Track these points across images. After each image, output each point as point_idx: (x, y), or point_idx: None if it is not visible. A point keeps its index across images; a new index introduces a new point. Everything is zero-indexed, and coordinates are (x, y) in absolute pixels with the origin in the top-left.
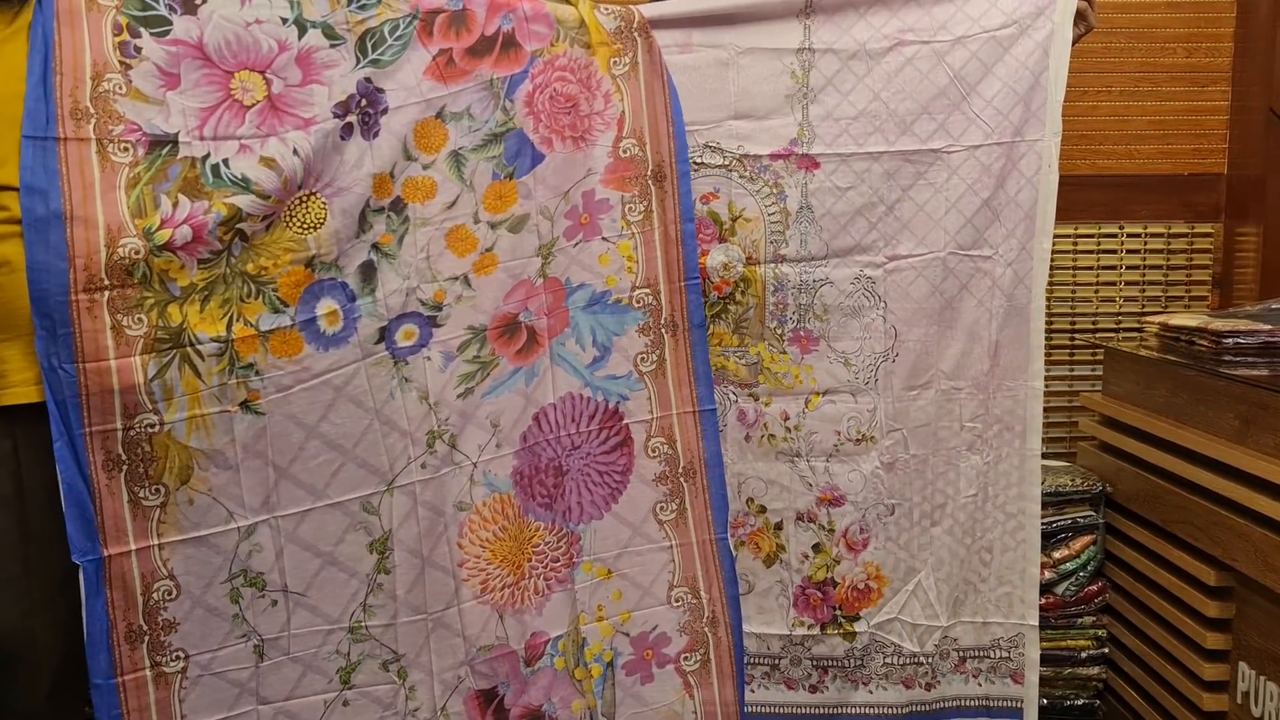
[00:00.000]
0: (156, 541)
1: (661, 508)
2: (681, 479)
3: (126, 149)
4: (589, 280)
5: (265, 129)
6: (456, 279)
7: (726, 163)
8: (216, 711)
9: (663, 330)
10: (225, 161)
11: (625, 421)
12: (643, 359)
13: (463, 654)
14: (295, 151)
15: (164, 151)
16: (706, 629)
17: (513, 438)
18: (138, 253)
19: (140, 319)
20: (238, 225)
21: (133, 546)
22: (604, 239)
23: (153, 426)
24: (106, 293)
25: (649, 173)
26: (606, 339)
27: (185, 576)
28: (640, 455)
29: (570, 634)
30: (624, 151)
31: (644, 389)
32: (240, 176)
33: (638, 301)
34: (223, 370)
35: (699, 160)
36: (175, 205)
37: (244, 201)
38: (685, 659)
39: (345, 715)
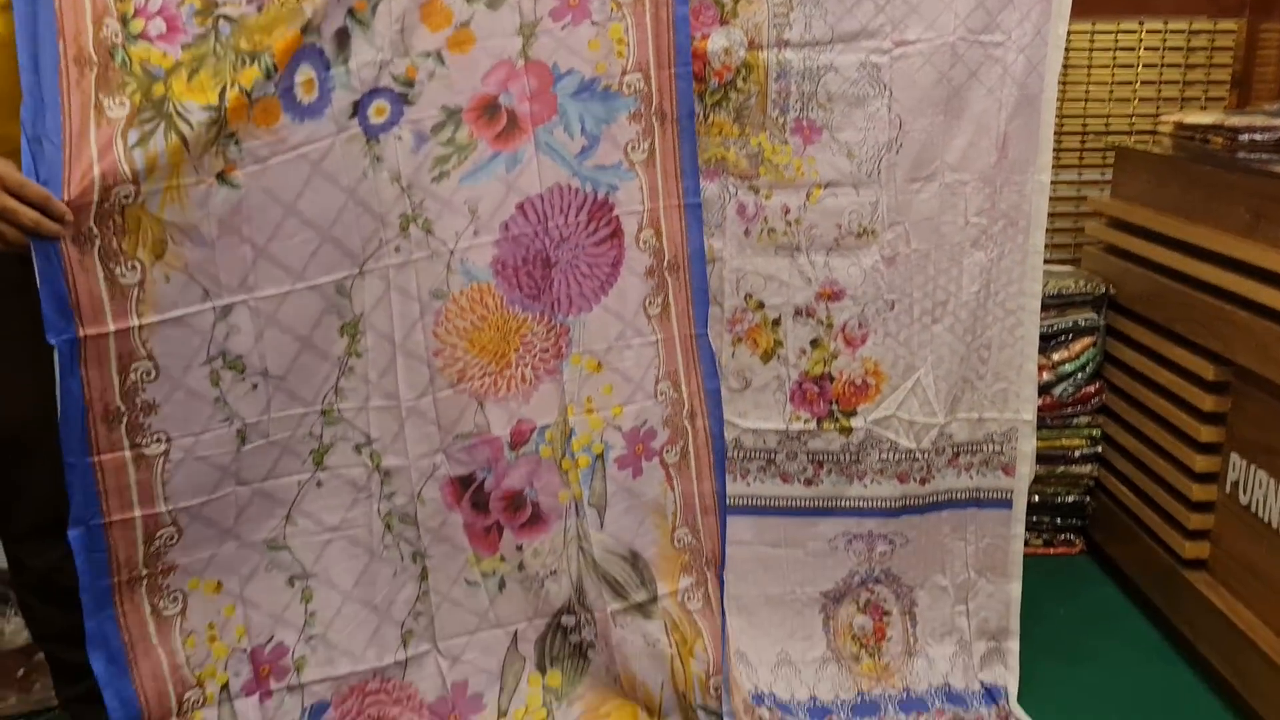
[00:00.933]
0: (136, 322)
1: (650, 301)
2: (666, 273)
3: None
4: (577, 66)
5: None
6: (429, 55)
7: None
8: (198, 495)
9: (653, 118)
10: None
11: (616, 212)
12: (633, 147)
13: (437, 442)
14: None
15: None
16: (686, 422)
17: (492, 226)
18: (116, 36)
19: (123, 101)
20: (216, 12)
21: (111, 328)
22: (593, 22)
23: (127, 198)
24: (94, 69)
25: None
26: (595, 127)
27: (164, 358)
28: (631, 247)
29: (558, 424)
30: None
31: (635, 179)
32: None
33: (628, 88)
34: (211, 140)
35: None
36: None
37: None
38: (667, 451)
39: (319, 496)
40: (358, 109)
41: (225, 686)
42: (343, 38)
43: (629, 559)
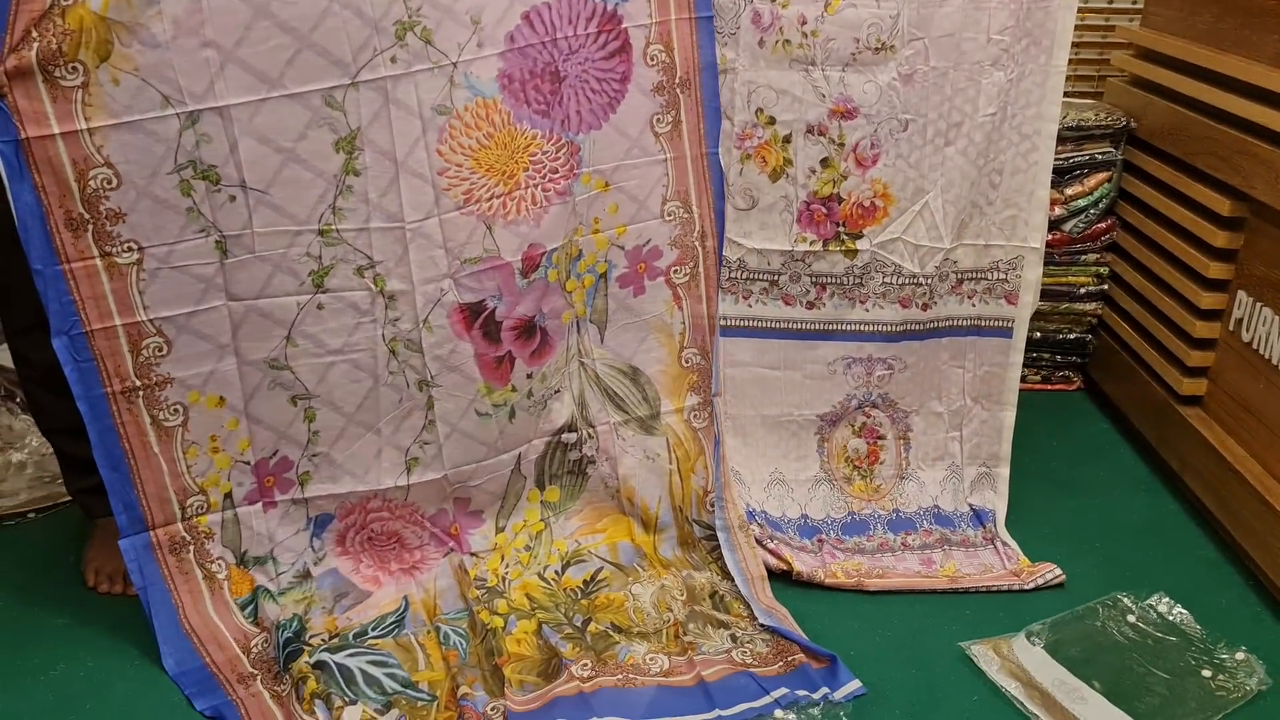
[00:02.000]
0: (84, 125)
1: (658, 119)
2: (678, 90)
3: None
4: None
5: None
6: None
7: None
8: (182, 305)
9: None
10: None
11: (624, 25)
12: None
13: (445, 266)
14: None
15: None
16: (696, 243)
17: (496, 37)
18: None
19: None
20: None
21: (56, 130)
22: None
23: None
24: None
25: None
26: None
27: (125, 165)
28: (639, 63)
29: (565, 246)
30: None
31: None
32: None
33: None
34: None
35: None
36: None
37: None
38: (675, 271)
39: (320, 318)
40: None
41: (229, 495)
42: None
43: (629, 374)
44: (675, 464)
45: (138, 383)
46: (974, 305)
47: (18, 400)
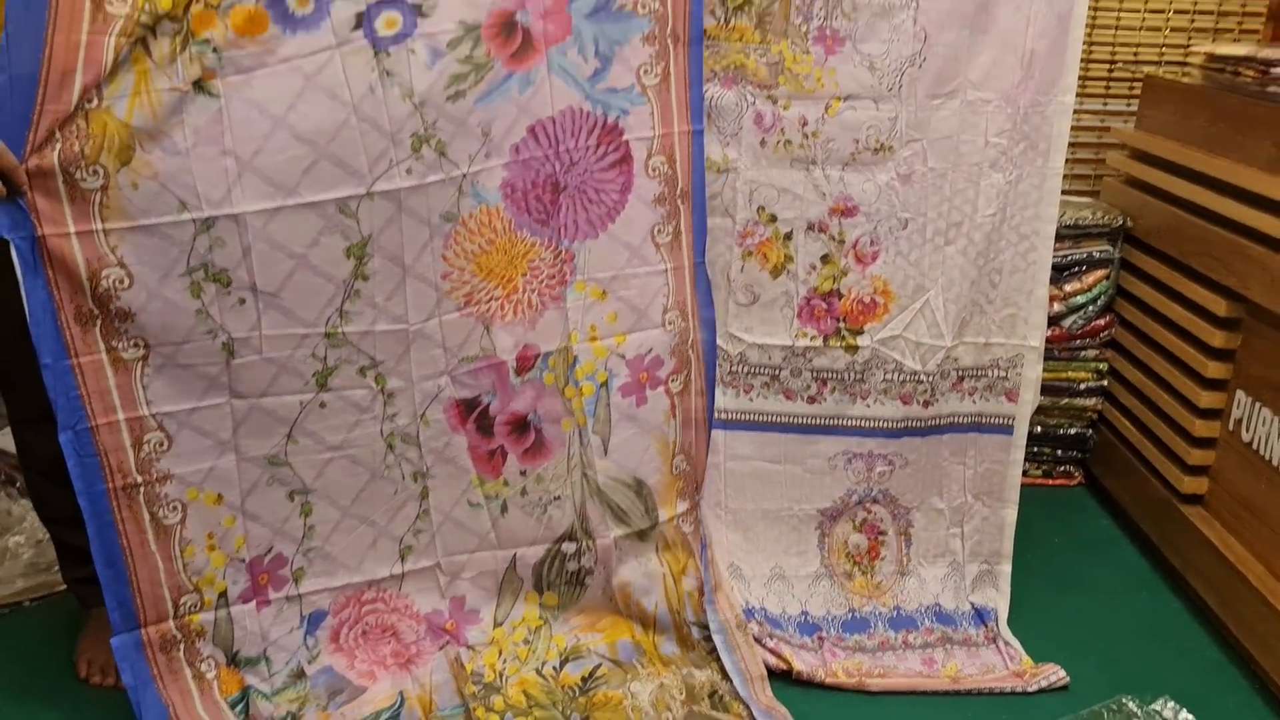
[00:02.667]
0: (100, 226)
1: (659, 230)
2: (679, 201)
3: None
4: None
5: None
6: None
7: None
8: (185, 401)
9: (668, 40)
10: None
11: (625, 137)
12: (645, 71)
13: (443, 364)
14: None
15: None
16: (689, 350)
17: (503, 148)
18: None
19: None
20: None
21: (72, 229)
22: None
23: (90, 102)
24: None
25: None
26: (609, 49)
27: (138, 266)
28: (640, 174)
29: (561, 351)
30: None
31: (647, 104)
32: None
33: (643, 8)
34: (174, 48)
35: None
36: None
37: None
38: (672, 380)
39: (321, 416)
40: (362, 20)
41: (224, 594)
42: None
43: (634, 486)
44: (666, 568)
45: (139, 479)
46: (975, 402)
47: (17, 485)
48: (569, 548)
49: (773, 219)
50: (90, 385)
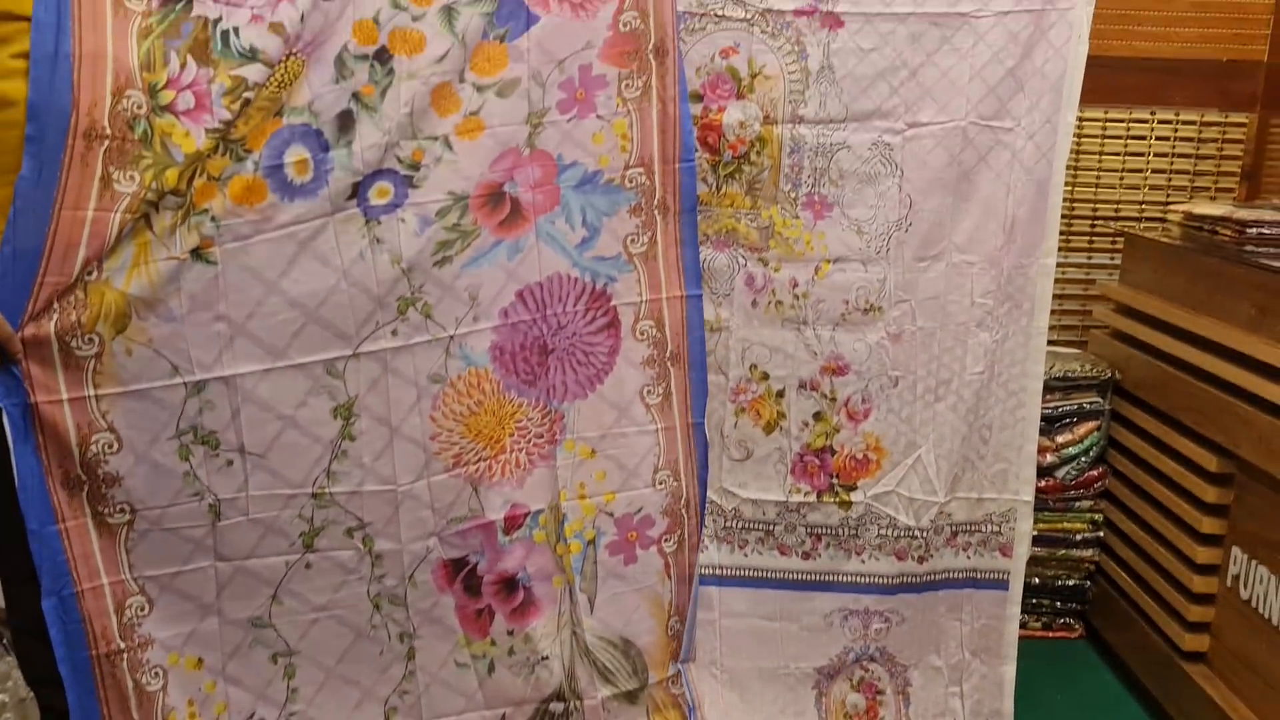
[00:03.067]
0: (92, 393)
1: (649, 391)
2: (669, 363)
3: None
4: (581, 158)
5: None
6: (436, 139)
7: (748, 16)
8: (168, 565)
9: (655, 211)
10: (235, 30)
11: (613, 303)
12: (633, 240)
13: (432, 525)
14: (303, 19)
15: (178, 6)
16: (684, 511)
17: (491, 312)
18: (140, 108)
19: (133, 176)
20: (244, 94)
21: (64, 396)
22: (598, 116)
23: (90, 275)
24: (106, 142)
25: (650, 47)
26: (596, 219)
27: (127, 431)
28: (627, 338)
29: (551, 509)
30: (624, 25)
31: (633, 271)
32: (248, 47)
33: (630, 181)
34: (176, 220)
35: (720, 12)
36: (183, 66)
37: (250, 71)
38: (666, 540)
39: (307, 577)
40: (358, 190)
41: None
42: (346, 120)
43: (620, 646)
44: None
45: (121, 645)
46: (969, 558)
47: (3, 641)
48: (557, 708)
49: (765, 377)
50: (76, 550)
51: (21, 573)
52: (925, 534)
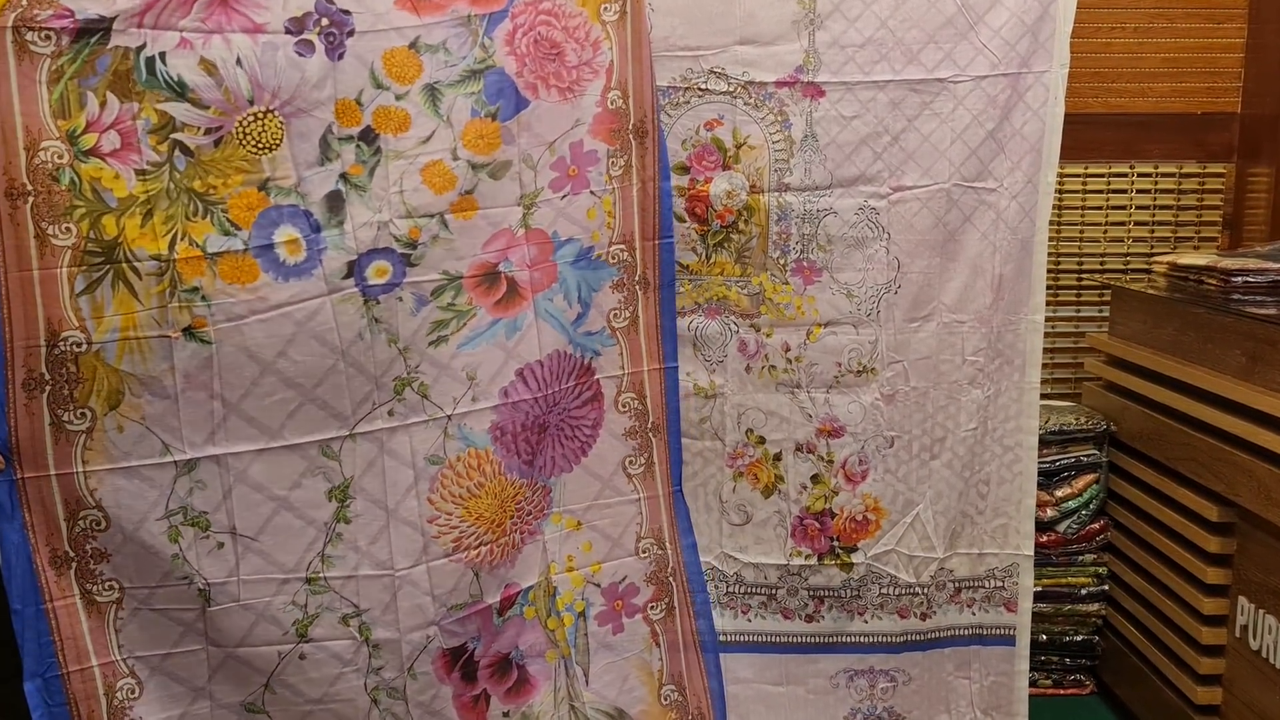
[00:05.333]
0: (81, 469)
1: (630, 461)
2: (650, 434)
3: (49, 37)
4: (576, 235)
5: (211, 24)
6: (433, 217)
7: (731, 89)
8: (158, 646)
9: (636, 286)
10: (162, 56)
11: (596, 376)
12: (615, 315)
13: (431, 613)
14: (239, 62)
15: (93, 40)
16: (670, 579)
17: (491, 392)
18: (61, 157)
19: (69, 228)
20: (174, 136)
21: (53, 471)
22: (591, 193)
23: (79, 345)
24: (31, 198)
25: (630, 127)
26: (588, 295)
27: (115, 509)
28: (610, 410)
29: (541, 584)
30: (611, 103)
31: (615, 344)
32: (176, 79)
33: (613, 257)
34: (163, 292)
35: (703, 86)
36: (103, 105)
37: (178, 110)
38: (651, 608)
39: (301, 668)
40: (353, 270)
41: None
42: (335, 201)
43: (615, 716)
44: None
45: None
46: (974, 614)
47: None
48: None
49: (761, 441)
50: (64, 631)
51: (8, 670)
52: (927, 590)
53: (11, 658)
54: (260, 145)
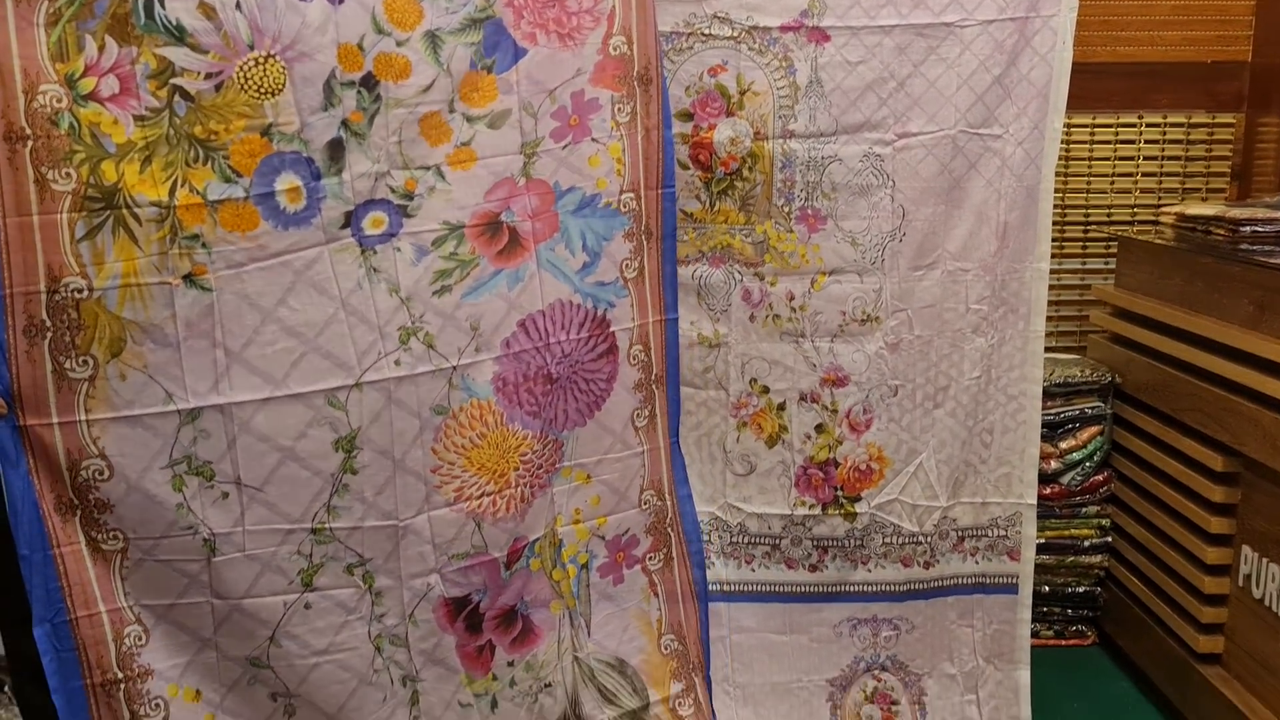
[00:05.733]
0: (84, 417)
1: (638, 414)
2: (654, 386)
3: None
4: (579, 183)
5: None
6: (429, 169)
7: (735, 34)
8: (164, 596)
9: (642, 236)
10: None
11: (612, 329)
12: (627, 265)
13: (432, 561)
14: (238, 5)
15: None
16: (669, 529)
17: (493, 343)
18: (59, 101)
19: (69, 173)
20: (173, 81)
21: (56, 419)
22: (594, 140)
23: (80, 292)
24: (30, 142)
25: (635, 74)
26: (596, 244)
27: (119, 458)
28: (624, 363)
29: (548, 535)
30: (614, 49)
31: (628, 295)
32: (175, 23)
33: (624, 206)
34: (163, 239)
35: (706, 31)
36: (101, 49)
37: (176, 55)
38: (650, 559)
39: (307, 618)
40: (350, 220)
41: None
42: (336, 149)
43: (617, 666)
44: None
45: (119, 674)
46: (977, 563)
47: (4, 689)
48: None
49: (765, 390)
50: (71, 576)
51: (20, 614)
52: (930, 539)
53: (19, 603)
54: (263, 90)
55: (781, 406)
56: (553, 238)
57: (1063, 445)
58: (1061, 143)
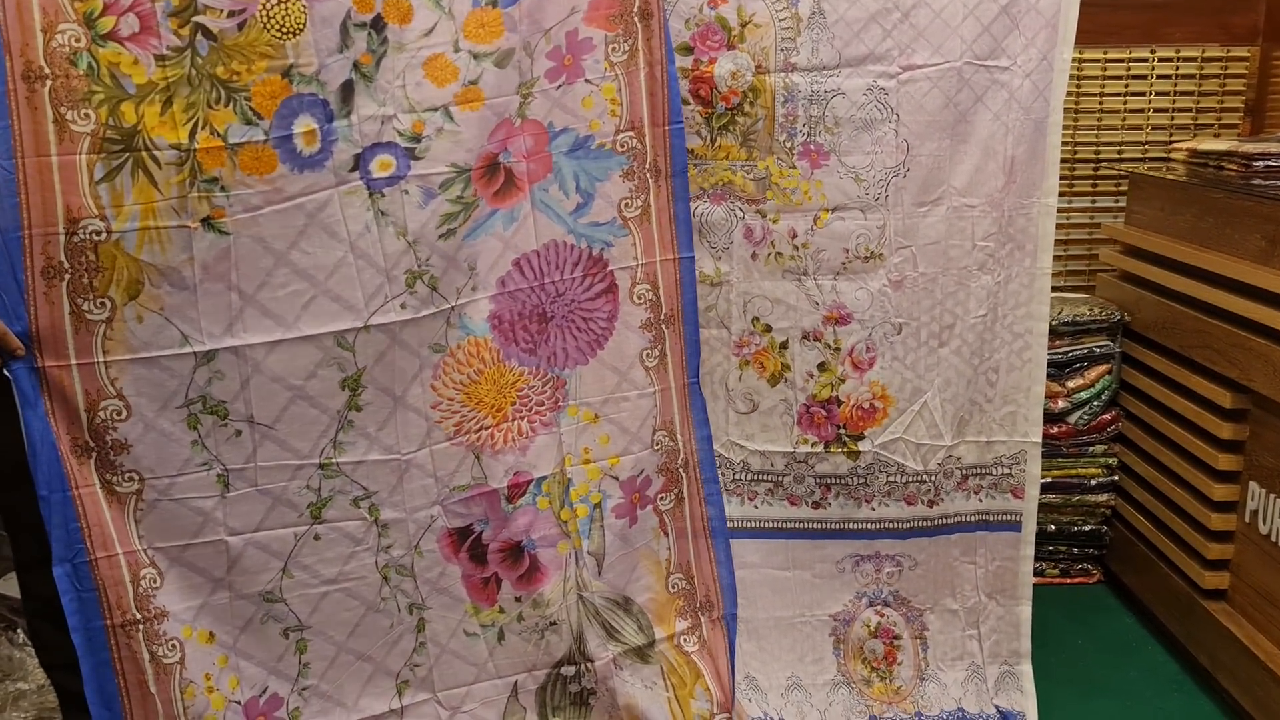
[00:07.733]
0: (101, 358)
1: (647, 354)
2: (664, 325)
3: None
4: (572, 124)
5: None
6: (436, 110)
7: None
8: (178, 537)
9: (647, 175)
10: None
11: (610, 268)
12: (627, 204)
13: (435, 494)
14: None
15: None
16: (681, 469)
17: (489, 281)
18: (78, 40)
19: (88, 114)
20: (195, 19)
21: (74, 361)
22: (587, 81)
23: (99, 234)
24: (49, 82)
25: (635, 9)
26: (589, 185)
27: (136, 398)
28: (625, 302)
29: (556, 475)
30: None
31: (629, 235)
32: None
33: (622, 145)
34: (182, 182)
35: None
36: None
37: None
38: (661, 499)
39: (316, 549)
40: (359, 162)
41: None
42: (347, 90)
43: (622, 604)
44: (671, 690)
45: (138, 615)
46: (981, 500)
47: (18, 630)
48: (569, 671)
49: (768, 329)
50: (90, 517)
51: (35, 555)
52: (934, 478)
53: (38, 544)
54: (284, 29)
55: (784, 345)
56: (546, 178)
57: (1070, 384)
58: (1072, 78)
